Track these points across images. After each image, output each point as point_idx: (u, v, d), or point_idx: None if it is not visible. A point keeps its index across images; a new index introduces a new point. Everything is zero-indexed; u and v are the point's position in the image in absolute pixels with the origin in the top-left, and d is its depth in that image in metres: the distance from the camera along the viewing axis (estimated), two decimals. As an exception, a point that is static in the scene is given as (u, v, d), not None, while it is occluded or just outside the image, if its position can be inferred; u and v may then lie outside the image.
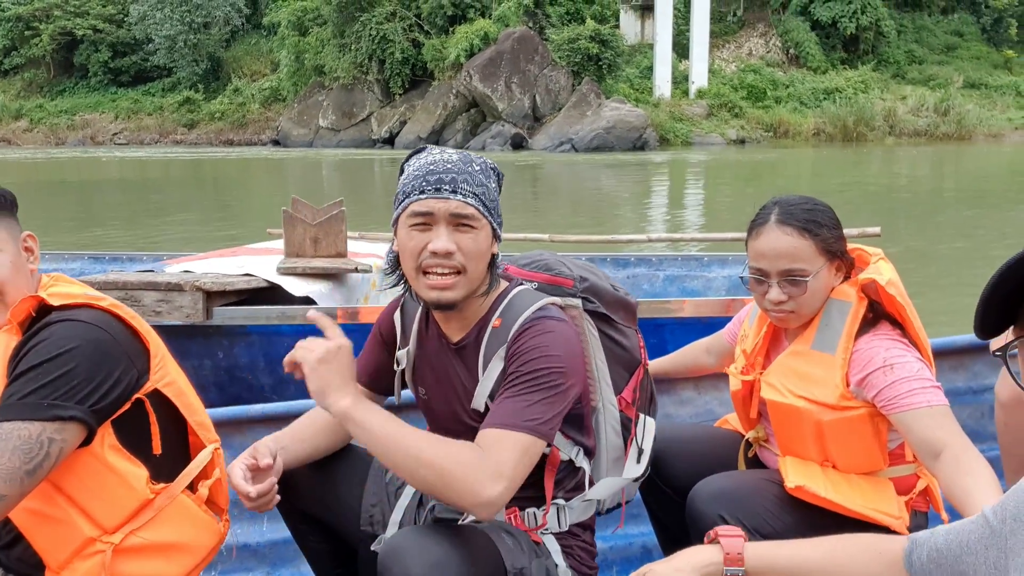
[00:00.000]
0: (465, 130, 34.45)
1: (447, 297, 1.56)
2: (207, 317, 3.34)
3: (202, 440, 1.64)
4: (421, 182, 1.54)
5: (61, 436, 1.36)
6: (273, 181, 21.92)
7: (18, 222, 1.57)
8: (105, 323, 1.46)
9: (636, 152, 30.78)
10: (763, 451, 2.02)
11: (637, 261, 4.62)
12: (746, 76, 39.17)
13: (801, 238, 1.78)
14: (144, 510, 1.49)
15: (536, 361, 1.54)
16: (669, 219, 13.05)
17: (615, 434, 1.77)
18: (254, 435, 2.27)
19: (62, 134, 43.01)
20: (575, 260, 1.85)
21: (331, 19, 36.61)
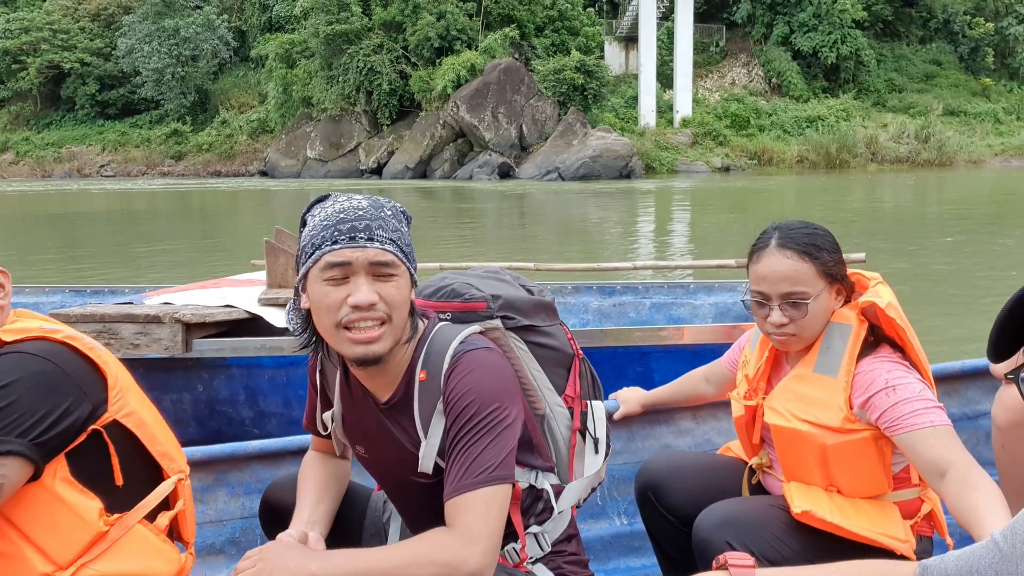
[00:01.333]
0: (452, 160, 34.66)
1: (374, 351, 1.46)
2: (186, 349, 3.29)
3: (166, 470, 1.58)
4: (333, 231, 1.44)
5: (2, 471, 1.30)
6: (260, 212, 21.91)
7: None
8: (54, 354, 1.41)
9: (622, 180, 31.01)
10: (767, 477, 2.00)
11: (623, 289, 4.58)
12: (730, 105, 39.69)
13: (801, 261, 1.78)
14: (98, 542, 1.44)
15: (471, 407, 1.48)
16: (656, 246, 13.10)
17: (570, 432, 1.74)
18: (253, 471, 2.25)
19: (49, 167, 42.97)
20: (480, 275, 1.78)
21: (318, 52, 36.91)
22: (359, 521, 1.79)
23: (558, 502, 1.69)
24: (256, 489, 2.25)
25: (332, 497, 1.72)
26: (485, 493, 1.44)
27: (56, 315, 3.35)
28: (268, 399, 3.43)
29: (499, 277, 1.79)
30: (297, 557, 1.44)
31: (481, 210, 21.22)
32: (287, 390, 3.42)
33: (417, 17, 35.94)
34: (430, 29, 35.62)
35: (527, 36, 37.93)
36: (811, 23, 40.60)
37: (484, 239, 14.75)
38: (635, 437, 2.45)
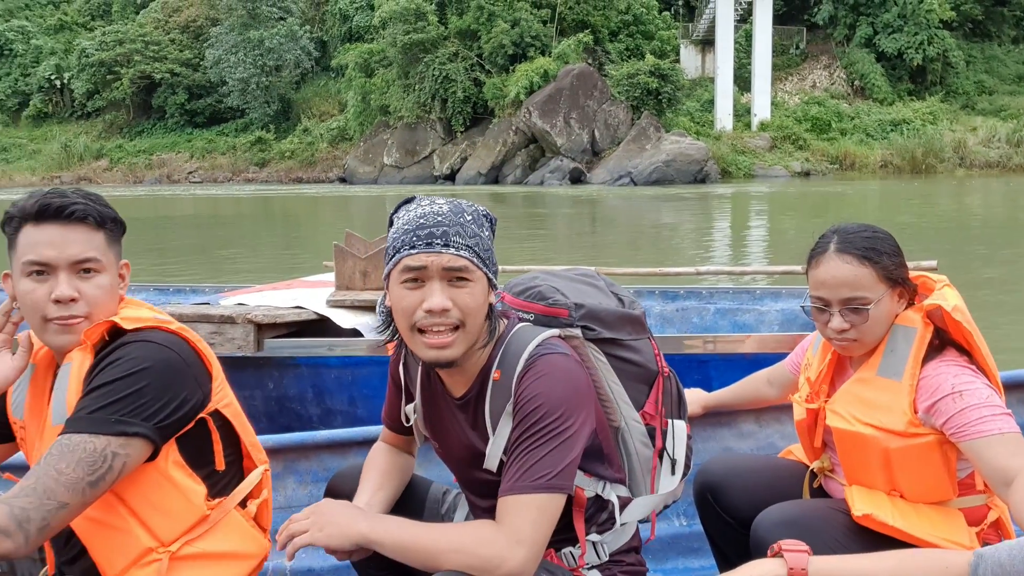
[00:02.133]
0: (524, 165, 34.81)
1: (446, 356, 1.50)
2: (258, 349, 3.44)
3: (254, 461, 1.68)
4: (412, 236, 1.48)
5: (125, 451, 1.41)
6: (338, 217, 22.45)
7: (121, 250, 1.67)
8: (175, 345, 1.52)
9: (697, 185, 30.58)
10: (829, 481, 1.98)
11: (687, 294, 4.50)
12: (810, 108, 38.73)
13: (861, 266, 1.76)
14: (200, 523, 1.55)
15: (538, 411, 1.49)
16: (731, 252, 12.88)
17: (645, 447, 1.73)
18: (320, 460, 2.35)
19: (140, 173, 44.94)
20: (571, 278, 1.79)
21: (396, 61, 37.62)
22: (418, 511, 1.82)
23: (622, 515, 1.69)
24: (323, 477, 2.33)
25: (393, 487, 1.77)
26: (539, 499, 1.46)
27: (141, 313, 3.56)
28: (334, 397, 3.56)
29: (591, 282, 1.79)
30: (349, 514, 1.51)
31: (552, 215, 21.26)
32: (352, 389, 3.54)
33: (492, 25, 36.27)
34: (504, 36, 35.90)
35: (601, 41, 37.82)
36: (896, 24, 39.30)
37: (554, 244, 14.79)
38: (696, 439, 2.41)
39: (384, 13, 37.05)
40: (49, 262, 1.50)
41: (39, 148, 47.68)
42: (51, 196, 1.52)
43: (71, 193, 1.55)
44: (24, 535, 1.32)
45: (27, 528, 1.32)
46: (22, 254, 1.52)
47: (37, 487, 1.35)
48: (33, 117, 49.91)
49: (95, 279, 1.53)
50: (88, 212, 1.53)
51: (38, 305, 1.51)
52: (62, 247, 1.50)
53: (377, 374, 3.49)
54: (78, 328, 1.51)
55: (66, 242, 1.51)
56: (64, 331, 1.51)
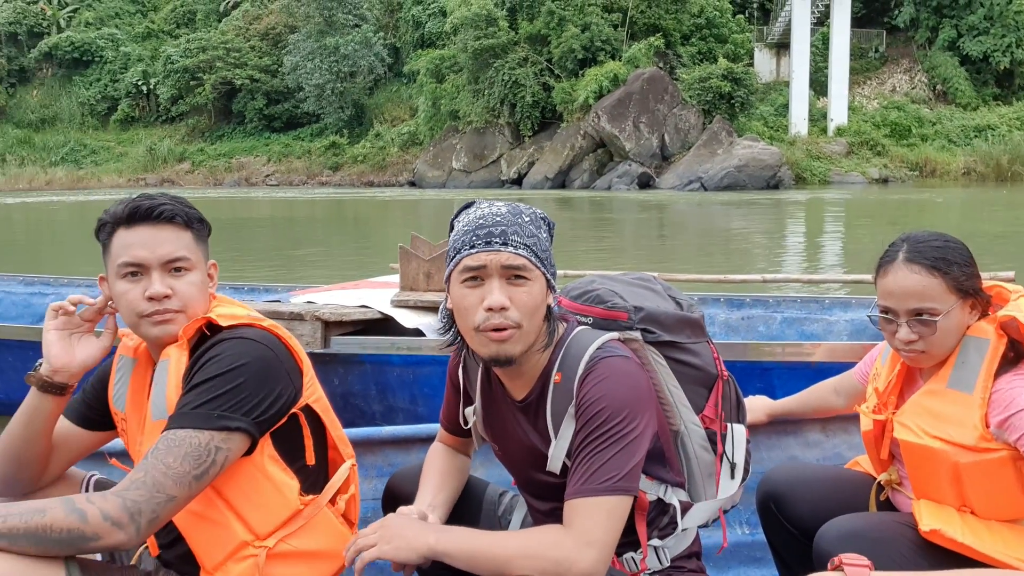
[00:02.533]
0: (591, 170, 34.69)
1: (505, 351, 1.52)
2: (325, 345, 3.57)
3: (341, 455, 1.73)
4: (471, 236, 1.52)
5: (227, 445, 1.47)
6: (406, 220, 22.78)
7: (209, 250, 1.73)
8: (270, 342, 1.57)
9: (770, 191, 29.99)
10: (896, 494, 1.95)
11: (753, 302, 4.44)
12: (889, 113, 37.57)
13: (930, 276, 1.72)
14: (294, 519, 1.59)
15: (602, 414, 1.51)
16: (804, 260, 12.60)
17: (704, 451, 1.72)
18: (385, 455, 2.43)
19: (220, 176, 46.44)
20: (628, 282, 1.78)
21: (466, 66, 37.97)
22: (475, 513, 1.85)
23: (683, 519, 1.68)
24: (387, 472, 2.40)
25: (452, 488, 1.80)
26: (607, 502, 1.47)
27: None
28: (396, 395, 3.66)
29: (648, 286, 1.78)
30: (416, 528, 1.52)
31: (619, 220, 21.15)
32: (413, 387, 3.63)
33: (562, 30, 36.28)
34: (574, 41, 35.87)
35: (673, 45, 37.43)
36: (982, 26, 37.80)
37: (621, 249, 14.72)
38: (760, 447, 2.40)
39: (456, 19, 37.44)
40: (142, 262, 1.57)
41: (126, 151, 49.70)
42: (141, 200, 1.60)
43: (159, 196, 1.62)
44: (136, 527, 1.38)
45: (139, 520, 1.38)
46: (116, 256, 1.59)
47: (147, 480, 1.40)
48: (121, 121, 52.05)
49: (186, 276, 1.59)
50: (176, 212, 1.60)
51: (133, 304, 1.58)
52: (153, 247, 1.57)
53: (438, 373, 3.57)
54: (174, 321, 1.58)
55: (157, 242, 1.58)
56: (160, 324, 1.58)
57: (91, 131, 52.36)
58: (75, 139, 51.33)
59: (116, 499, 1.38)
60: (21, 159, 49.33)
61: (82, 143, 51.09)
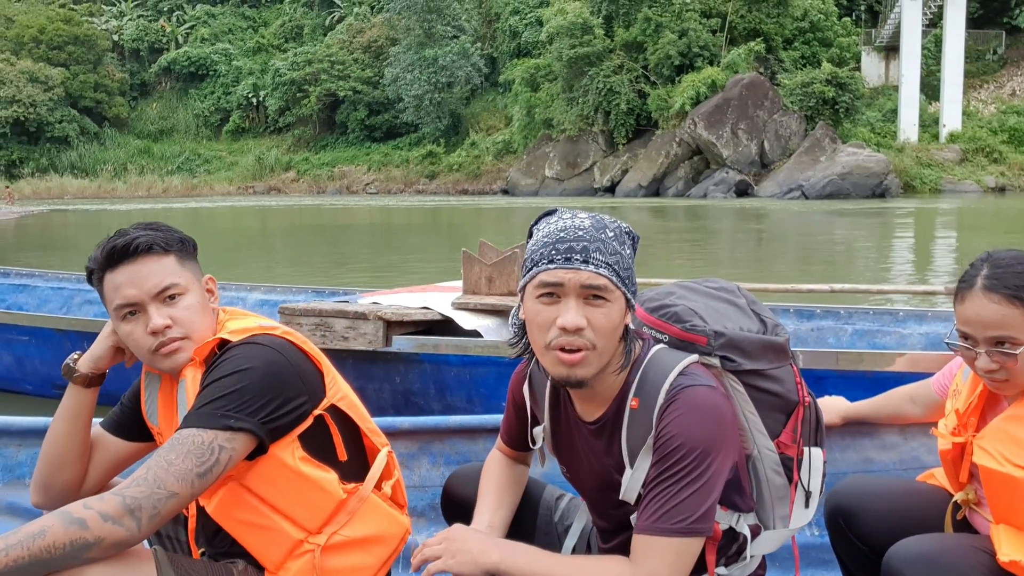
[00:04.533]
0: (687, 177, 34.18)
1: (577, 375, 1.44)
2: (386, 344, 3.66)
3: (376, 445, 1.74)
4: (551, 250, 1.43)
5: (231, 445, 1.48)
6: (499, 227, 23.01)
7: (199, 265, 1.72)
8: (280, 347, 1.58)
9: (875, 200, 28.81)
10: (974, 515, 1.84)
11: (824, 313, 4.29)
12: (1008, 118, 35.56)
13: (1010, 307, 1.61)
14: (341, 511, 1.62)
15: (681, 449, 1.42)
16: (914, 272, 12.06)
17: (777, 475, 1.62)
18: (452, 443, 2.49)
19: (323, 184, 48.17)
20: (710, 294, 1.68)
21: (561, 75, 38.10)
22: (532, 518, 1.82)
23: (752, 546, 1.62)
24: (455, 460, 2.45)
25: (511, 503, 1.77)
26: (678, 543, 1.41)
27: (284, 308, 3.88)
28: (454, 394, 3.72)
29: (731, 299, 1.68)
30: (481, 543, 1.50)
31: (713, 229, 20.75)
32: (470, 387, 3.68)
33: (659, 36, 35.95)
34: (671, 47, 35.47)
35: (774, 49, 36.50)
36: (1115, 22, 35.40)
37: (716, 259, 14.44)
38: (834, 448, 2.31)
39: (552, 28, 37.64)
40: (134, 300, 1.59)
41: (236, 160, 52.19)
42: (114, 239, 1.61)
43: (132, 229, 1.63)
44: (136, 522, 1.39)
45: (139, 516, 1.39)
46: (110, 301, 1.61)
47: (148, 477, 1.42)
48: (232, 132, 54.73)
49: (182, 301, 1.61)
50: (152, 242, 1.60)
51: (140, 342, 1.61)
52: (140, 282, 1.59)
53: (493, 374, 3.61)
54: (183, 349, 1.61)
55: (142, 276, 1.59)
56: (170, 355, 1.61)
57: (204, 141, 55.27)
58: (190, 149, 54.30)
59: (115, 498, 1.39)
60: (141, 168, 52.46)
61: (196, 153, 53.99)
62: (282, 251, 17.03)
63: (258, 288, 5.61)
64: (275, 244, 19.16)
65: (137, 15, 59.75)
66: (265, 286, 5.60)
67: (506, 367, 3.65)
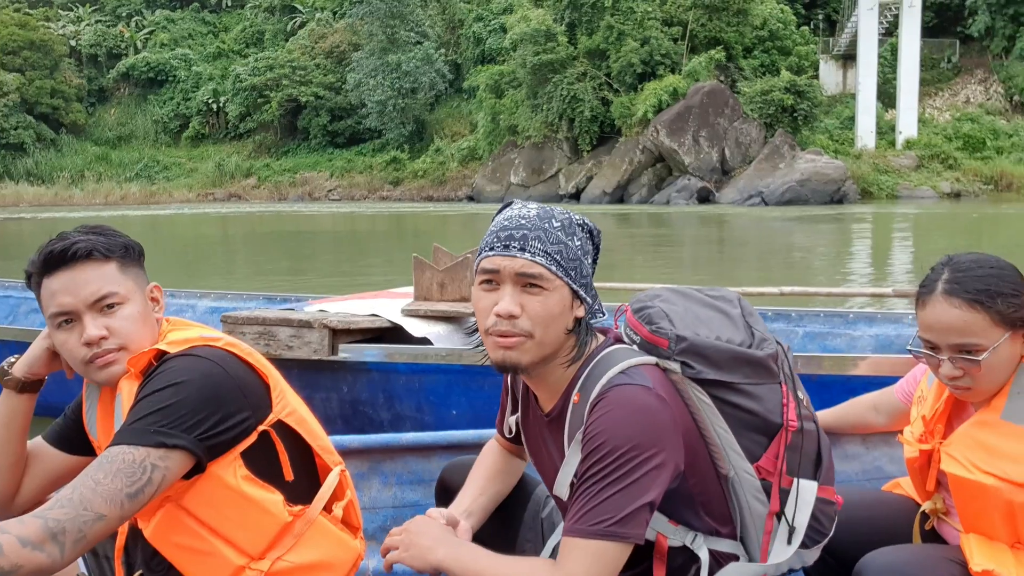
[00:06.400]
0: (650, 184, 34.44)
1: (511, 359, 1.44)
2: (332, 353, 3.56)
3: (327, 463, 1.65)
4: (493, 238, 1.46)
5: (164, 463, 1.38)
6: (464, 233, 22.93)
7: (145, 272, 1.62)
8: (220, 359, 1.49)
9: (833, 206, 29.24)
10: (942, 524, 1.81)
11: (775, 316, 4.25)
12: (962, 125, 36.36)
13: (972, 312, 1.57)
14: (286, 535, 1.53)
15: (601, 448, 1.39)
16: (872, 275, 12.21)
17: (759, 503, 1.55)
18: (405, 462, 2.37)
19: (284, 191, 47.65)
20: (700, 301, 1.61)
21: (525, 81, 38.19)
22: (520, 511, 1.80)
23: (720, 573, 1.53)
24: (408, 480, 2.35)
25: (496, 492, 1.75)
26: (596, 546, 1.37)
27: (227, 317, 3.76)
28: (403, 403, 3.63)
29: (724, 309, 1.61)
30: (432, 538, 1.51)
31: (676, 235, 20.90)
32: (420, 396, 3.59)
33: (621, 44, 36.18)
34: (633, 55, 35.74)
35: (734, 58, 36.96)
36: (1063, 33, 36.40)
37: (678, 263, 14.51)
38: None
39: (515, 35, 37.70)
40: (70, 309, 1.50)
41: (196, 167, 51.45)
42: (53, 243, 1.52)
43: (72, 233, 1.54)
44: (59, 548, 1.28)
45: (62, 541, 1.28)
46: (46, 308, 1.53)
47: (74, 497, 1.32)
48: (191, 138, 53.93)
49: (120, 311, 1.53)
50: (92, 247, 1.51)
51: (73, 352, 1.52)
52: (76, 290, 1.50)
53: (444, 382, 3.53)
54: (118, 361, 1.52)
55: (78, 284, 1.50)
56: (104, 367, 1.52)
57: (164, 148, 54.41)
58: (149, 155, 53.42)
59: (36, 520, 1.28)
60: (99, 175, 51.51)
61: (155, 159, 53.12)
62: (241, 259, 16.78)
63: (208, 295, 5.45)
64: (234, 252, 18.88)
65: (95, 20, 58.68)
66: (215, 293, 5.46)
67: (457, 375, 3.58)
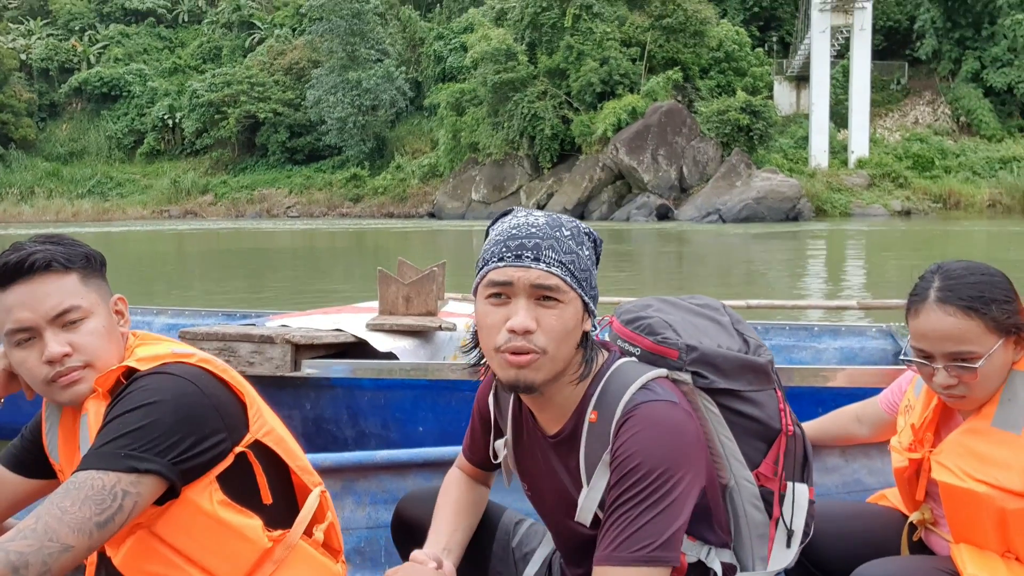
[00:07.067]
0: (610, 201, 34.73)
1: (525, 377, 1.35)
2: (295, 369, 3.48)
3: (307, 484, 1.57)
4: (501, 248, 1.35)
5: (136, 489, 1.29)
6: (425, 249, 22.85)
7: (108, 284, 1.53)
8: (194, 377, 1.41)
9: (789, 223, 29.77)
10: (930, 535, 1.79)
11: None
12: (911, 145, 37.35)
13: (967, 318, 1.55)
14: (266, 562, 1.45)
15: (638, 470, 1.32)
16: (827, 290, 12.42)
17: (756, 510, 1.52)
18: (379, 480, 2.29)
19: (242, 207, 47.06)
20: (691, 310, 1.59)
21: (486, 99, 38.34)
22: (488, 542, 1.73)
23: None
24: (382, 499, 2.27)
25: (468, 525, 1.67)
26: (640, 573, 1.31)
27: (185, 333, 3.65)
28: (368, 420, 3.55)
29: (714, 317, 1.59)
30: None
31: (637, 251, 21.05)
32: (385, 412, 3.53)
33: (581, 64, 36.54)
34: (593, 75, 36.10)
35: (691, 78, 37.55)
36: (1005, 57, 37.58)
37: (640, 279, 14.60)
38: None
39: (476, 54, 37.85)
40: (28, 324, 1.40)
41: (151, 183, 50.56)
42: (7, 254, 1.41)
43: (29, 244, 1.43)
44: None
45: (24, 575, 1.19)
46: (2, 325, 1.42)
47: (38, 527, 1.22)
48: (146, 154, 53.01)
49: (84, 326, 1.43)
50: (51, 258, 1.41)
51: (34, 371, 1.42)
52: (35, 305, 1.39)
53: (410, 398, 3.47)
54: (83, 379, 1.43)
55: (38, 298, 1.39)
56: (68, 387, 1.42)
57: (117, 164, 53.38)
58: (102, 172, 52.35)
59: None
60: (49, 191, 50.32)
61: (108, 176, 52.09)
62: (198, 276, 16.48)
63: (165, 312, 5.29)
64: (191, 269, 18.55)
65: (47, 34, 57.48)
66: (172, 309, 5.29)
67: (423, 390, 3.52)
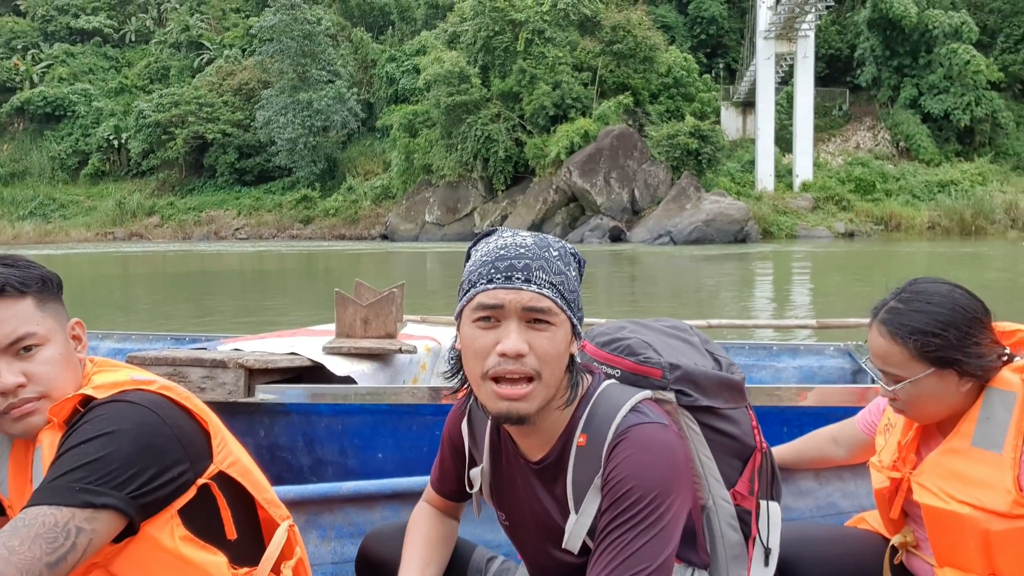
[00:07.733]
0: (564, 223, 34.99)
1: (519, 409, 1.30)
2: (248, 394, 3.36)
3: (274, 518, 1.48)
4: (489, 269, 1.31)
5: (91, 526, 1.20)
6: (378, 272, 22.66)
7: (65, 307, 1.45)
8: (155, 405, 1.33)
9: (737, 245, 30.33)
10: (912, 558, 1.77)
11: None
12: (854, 169, 38.40)
13: (892, 343, 1.59)
14: None
15: (632, 493, 1.29)
16: (775, 308, 12.63)
17: (732, 531, 1.50)
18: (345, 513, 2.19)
19: (189, 229, 46.18)
20: (662, 331, 1.57)
21: (439, 121, 38.37)
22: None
23: None
24: (348, 533, 2.17)
25: (440, 562, 1.61)
26: None
27: (133, 358, 3.51)
28: (325, 447, 3.44)
29: (684, 337, 1.59)
30: None
31: (591, 273, 21.16)
32: (343, 439, 3.42)
33: (533, 87, 36.86)
34: (545, 98, 36.45)
35: (641, 103, 38.16)
36: (942, 85, 38.97)
37: (592, 301, 14.66)
38: None
39: (429, 76, 37.91)
40: None
41: (95, 205, 49.35)
42: None
43: None
44: None
45: None
46: None
47: None
48: (91, 175, 51.76)
49: (39, 354, 1.35)
50: (4, 281, 1.32)
51: None
52: None
53: (368, 423, 3.37)
54: (38, 411, 1.34)
55: None
56: (21, 418, 1.34)
57: (61, 185, 52.02)
58: (44, 193, 50.94)
59: None
60: (-12, 213, 48.83)
61: (51, 197, 50.70)
62: (143, 299, 16.06)
63: (111, 336, 5.10)
64: (137, 292, 18.08)
65: (-14, 52, 56.15)
66: (119, 333, 5.09)
67: (382, 415, 3.43)
